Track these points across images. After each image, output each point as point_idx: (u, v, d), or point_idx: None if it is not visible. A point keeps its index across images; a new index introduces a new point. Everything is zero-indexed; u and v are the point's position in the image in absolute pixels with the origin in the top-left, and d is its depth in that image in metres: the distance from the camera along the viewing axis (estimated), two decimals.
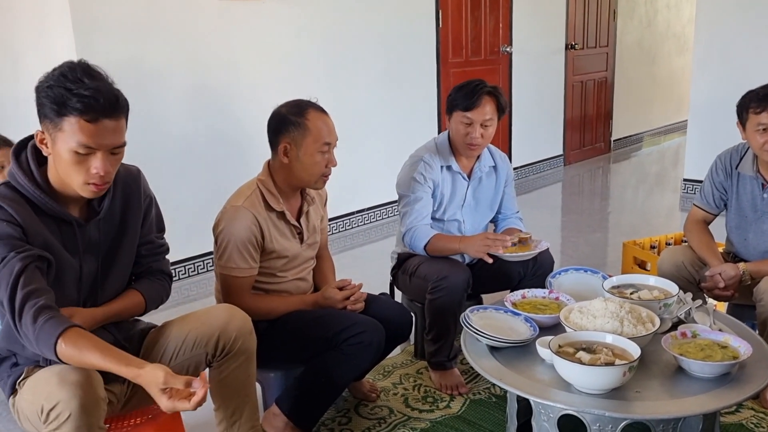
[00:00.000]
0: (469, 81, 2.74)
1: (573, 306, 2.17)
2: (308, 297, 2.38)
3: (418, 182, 2.72)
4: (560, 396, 1.84)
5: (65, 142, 1.65)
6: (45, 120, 1.66)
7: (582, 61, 7.05)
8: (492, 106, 2.69)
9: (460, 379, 2.70)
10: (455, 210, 2.84)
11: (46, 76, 1.66)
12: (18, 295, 1.58)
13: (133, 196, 1.90)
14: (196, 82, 3.96)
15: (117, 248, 1.88)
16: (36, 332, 1.57)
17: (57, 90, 1.62)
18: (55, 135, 1.66)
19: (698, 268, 2.69)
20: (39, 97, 1.66)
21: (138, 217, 1.92)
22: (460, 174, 2.81)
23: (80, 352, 1.58)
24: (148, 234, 1.98)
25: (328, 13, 4.64)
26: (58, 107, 1.63)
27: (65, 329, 1.57)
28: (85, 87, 1.62)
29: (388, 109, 5.15)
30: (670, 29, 8.55)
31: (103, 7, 3.57)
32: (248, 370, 1.99)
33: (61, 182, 1.72)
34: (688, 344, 2.00)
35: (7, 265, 1.60)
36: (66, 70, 1.65)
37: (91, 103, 1.62)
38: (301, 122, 2.22)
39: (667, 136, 8.72)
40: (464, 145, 2.72)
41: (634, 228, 4.87)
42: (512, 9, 6.08)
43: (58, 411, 1.55)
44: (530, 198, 5.89)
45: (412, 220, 2.71)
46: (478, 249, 2.57)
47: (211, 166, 4.07)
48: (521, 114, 6.39)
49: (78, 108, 1.62)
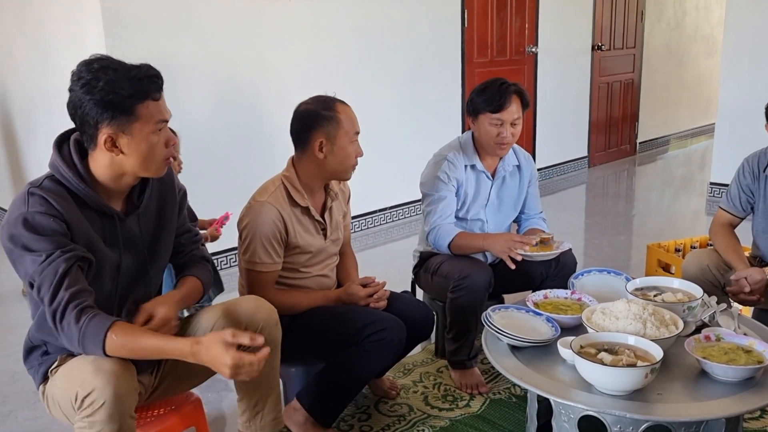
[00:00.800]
0: (490, 81, 2.73)
1: (595, 307, 2.16)
2: (331, 293, 2.40)
3: (442, 181, 2.73)
4: (581, 396, 1.83)
5: (142, 129, 1.70)
6: (113, 121, 1.67)
7: (608, 62, 6.99)
8: (518, 104, 2.69)
9: (480, 379, 2.70)
10: (478, 209, 2.84)
11: (86, 83, 1.65)
12: (60, 296, 1.60)
13: (167, 190, 1.94)
14: (223, 78, 4.00)
15: (156, 242, 1.91)
16: (81, 330, 1.60)
17: (119, 84, 1.64)
18: (130, 128, 1.68)
19: (723, 271, 2.67)
20: (98, 101, 1.65)
21: (174, 209, 1.96)
22: (484, 173, 2.81)
23: (135, 339, 1.62)
24: (185, 223, 2.03)
25: (355, 12, 4.65)
26: (130, 99, 1.66)
27: (112, 323, 1.62)
28: (140, 71, 1.68)
29: (413, 108, 5.16)
30: (698, 31, 8.45)
31: (133, 3, 3.62)
32: (273, 362, 2.01)
33: (106, 176, 1.74)
34: (712, 347, 1.98)
35: (52, 263, 1.61)
36: (105, 64, 1.68)
37: (155, 81, 1.70)
38: (333, 116, 2.24)
39: (694, 139, 8.62)
40: (494, 145, 2.72)
41: (659, 231, 4.82)
42: (538, 9, 6.06)
43: (93, 398, 1.58)
44: (554, 199, 5.86)
45: (436, 218, 2.71)
46: (501, 248, 2.57)
47: (236, 163, 4.10)
48: (546, 115, 6.36)
49: (149, 90, 1.69)
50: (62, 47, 4.08)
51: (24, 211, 1.63)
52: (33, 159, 4.79)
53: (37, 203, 1.64)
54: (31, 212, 1.63)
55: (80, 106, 1.66)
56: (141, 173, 1.78)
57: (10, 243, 1.64)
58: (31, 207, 1.64)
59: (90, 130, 1.69)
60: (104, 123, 1.67)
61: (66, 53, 4.05)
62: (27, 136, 4.82)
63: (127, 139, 1.70)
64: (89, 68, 1.67)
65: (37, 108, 4.56)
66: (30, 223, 1.62)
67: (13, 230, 1.63)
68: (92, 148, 1.72)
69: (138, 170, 1.76)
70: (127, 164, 1.73)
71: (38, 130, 4.63)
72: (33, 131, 4.71)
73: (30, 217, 1.62)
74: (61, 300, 1.60)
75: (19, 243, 1.62)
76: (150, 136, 1.72)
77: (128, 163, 1.73)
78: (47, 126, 4.48)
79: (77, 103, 1.67)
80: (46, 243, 1.62)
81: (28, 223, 1.62)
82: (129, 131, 1.69)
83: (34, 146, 4.75)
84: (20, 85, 4.73)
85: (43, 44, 4.28)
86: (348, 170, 2.32)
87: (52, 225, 1.63)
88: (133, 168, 1.75)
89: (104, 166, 1.73)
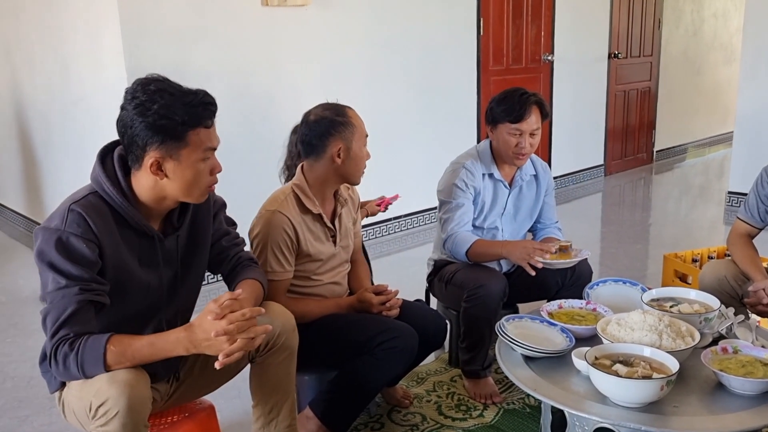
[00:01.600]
0: (510, 91, 2.72)
1: (610, 318, 2.14)
2: (343, 300, 2.40)
3: (460, 189, 2.72)
4: (596, 408, 1.82)
5: (190, 156, 1.70)
6: (162, 145, 1.66)
7: (625, 70, 6.96)
8: (537, 114, 2.69)
9: (494, 388, 2.69)
10: (495, 218, 2.84)
11: (140, 104, 1.65)
12: (61, 334, 1.62)
13: (203, 207, 1.92)
14: (238, 86, 4.03)
15: (189, 261, 1.91)
16: (79, 354, 1.61)
17: (174, 109, 1.64)
18: (178, 154, 1.68)
19: (741, 282, 2.64)
20: (150, 124, 1.65)
21: (208, 228, 1.95)
22: (502, 182, 2.81)
23: (131, 343, 1.63)
24: (221, 227, 2.01)
25: (370, 20, 4.67)
26: (182, 125, 1.66)
27: (109, 337, 1.63)
28: (196, 97, 1.68)
29: (428, 116, 5.16)
30: (716, 39, 8.39)
31: (150, 12, 3.65)
32: (289, 368, 2.01)
33: (148, 196, 1.74)
34: (729, 360, 1.96)
35: (65, 297, 1.62)
36: (161, 86, 1.67)
37: (209, 109, 1.71)
38: (347, 121, 2.26)
39: (711, 147, 8.55)
40: (512, 155, 2.71)
41: (676, 241, 4.78)
42: (554, 17, 6.04)
43: (107, 408, 1.59)
44: (570, 208, 5.83)
45: (453, 226, 2.71)
46: (521, 255, 2.54)
47: (252, 170, 4.12)
48: (562, 123, 6.33)
49: (202, 117, 1.69)
50: (81, 56, 4.13)
51: (61, 230, 1.63)
52: (50, 165, 4.84)
53: (74, 223, 1.64)
54: (67, 232, 1.63)
55: (131, 126, 1.66)
56: (182, 198, 1.78)
57: (38, 258, 1.65)
58: (68, 227, 1.63)
59: (137, 151, 1.68)
60: (153, 146, 1.67)
61: (84, 62, 4.09)
62: (44, 144, 4.87)
63: (173, 164, 1.70)
64: (145, 89, 1.66)
65: (55, 116, 4.61)
66: (63, 244, 1.62)
67: (44, 246, 1.63)
68: (136, 168, 1.72)
69: (179, 196, 1.76)
70: (169, 188, 1.74)
71: (55, 138, 4.68)
72: (50, 139, 4.76)
73: (64, 237, 1.62)
74: (60, 338, 1.62)
75: (45, 260, 1.63)
76: (197, 163, 1.73)
77: (171, 188, 1.73)
78: (65, 134, 4.53)
79: (128, 123, 1.67)
80: (71, 269, 1.62)
81: (61, 244, 1.62)
82: (177, 157, 1.69)
83: (51, 153, 4.80)
84: (39, 92, 4.78)
85: (62, 53, 4.33)
86: (361, 174, 2.35)
87: (84, 251, 1.63)
88: (174, 193, 1.75)
89: (147, 187, 1.73)
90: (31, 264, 4.44)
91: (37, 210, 5.21)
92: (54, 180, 4.84)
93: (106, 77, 3.84)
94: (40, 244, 1.64)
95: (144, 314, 1.84)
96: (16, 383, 2.98)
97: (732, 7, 8.48)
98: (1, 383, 2.98)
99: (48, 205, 4.96)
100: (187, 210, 1.87)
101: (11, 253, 5.00)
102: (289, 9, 4.18)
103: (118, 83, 3.67)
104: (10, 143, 5.47)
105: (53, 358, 1.63)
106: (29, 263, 4.57)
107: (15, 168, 5.48)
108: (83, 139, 4.30)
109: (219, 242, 2.00)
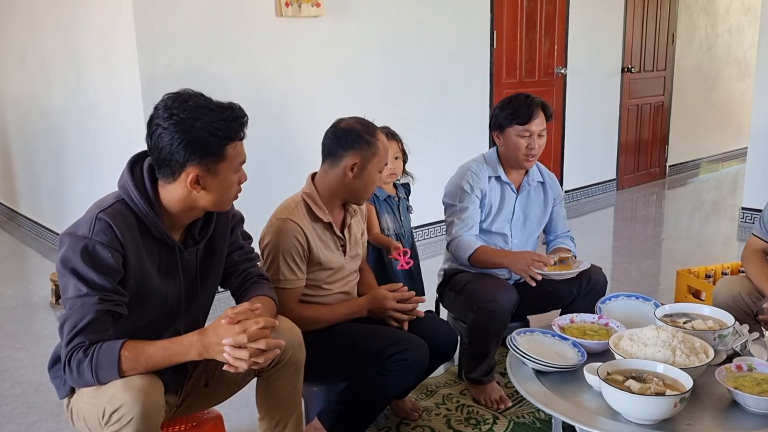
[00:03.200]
0: (513, 97, 2.78)
1: (623, 333, 2.12)
2: (354, 302, 2.37)
3: (466, 191, 2.74)
4: (608, 425, 1.80)
5: (228, 169, 1.74)
6: (202, 160, 1.69)
7: (638, 84, 6.94)
8: (542, 115, 2.75)
9: (501, 392, 2.69)
10: (503, 223, 2.83)
11: (181, 121, 1.66)
12: (77, 341, 1.63)
13: (222, 219, 1.94)
14: (252, 95, 4.04)
15: (206, 271, 1.93)
16: (93, 360, 1.62)
17: (217, 125, 1.67)
18: (216, 168, 1.71)
19: (756, 299, 2.61)
20: (193, 141, 1.66)
21: (225, 238, 1.96)
22: (509, 185, 2.81)
23: (145, 349, 1.64)
24: (236, 241, 2.02)
25: (384, 31, 4.68)
26: (224, 140, 1.69)
27: (123, 342, 1.63)
28: (233, 112, 1.72)
29: (440, 128, 5.16)
30: (731, 54, 8.36)
31: (165, 20, 3.68)
32: (295, 382, 2.00)
33: (176, 207, 1.76)
34: (744, 378, 1.94)
35: (85, 305, 1.63)
36: (200, 102, 1.70)
37: (244, 122, 1.74)
38: (373, 141, 2.25)
39: (725, 163, 8.50)
40: (523, 157, 2.74)
41: (689, 256, 4.74)
42: (568, 31, 6.04)
43: (121, 414, 1.59)
44: (581, 222, 5.80)
45: (457, 229, 2.72)
46: (521, 266, 2.56)
47: (264, 180, 4.12)
48: (574, 136, 6.32)
49: (239, 131, 1.72)
50: (95, 64, 4.16)
51: (88, 238, 1.64)
52: (64, 173, 4.87)
53: (101, 231, 1.65)
54: (94, 241, 1.64)
55: (170, 144, 1.67)
56: (210, 209, 1.81)
57: (61, 264, 1.66)
58: (95, 235, 1.65)
59: (175, 166, 1.69)
60: (193, 162, 1.69)
61: (99, 70, 4.12)
62: (58, 151, 4.91)
63: (211, 179, 1.73)
64: (184, 106, 1.67)
65: (70, 123, 4.64)
66: (88, 252, 1.63)
67: (70, 253, 1.64)
68: (169, 181, 1.73)
69: (209, 206, 1.79)
70: (201, 201, 1.76)
71: (69, 145, 4.71)
72: (64, 146, 4.79)
73: (91, 246, 1.64)
74: (75, 345, 1.63)
75: (69, 266, 1.64)
76: (232, 175, 1.76)
77: (204, 200, 1.76)
78: (79, 141, 4.56)
79: (165, 140, 1.67)
80: (94, 277, 1.63)
81: (87, 253, 1.63)
82: (215, 171, 1.72)
83: (64, 160, 4.83)
84: (54, 100, 4.82)
85: (77, 61, 4.36)
86: (366, 197, 2.36)
87: (109, 260, 1.64)
88: (206, 204, 1.78)
89: (178, 199, 1.75)
90: (41, 270, 4.49)
91: (49, 216, 5.24)
92: (67, 187, 4.87)
93: (121, 85, 3.86)
94: (65, 251, 1.65)
95: (160, 324, 1.84)
96: (25, 389, 2.98)
97: (746, 23, 8.46)
98: (10, 389, 2.99)
99: (61, 212, 4.99)
100: (210, 223, 1.88)
101: (22, 259, 5.03)
102: (303, 20, 4.20)
103: (132, 91, 3.69)
104: (24, 150, 5.52)
105: (67, 365, 1.64)
106: (40, 269, 4.60)
107: (28, 174, 5.52)
108: (97, 146, 4.33)
109: (231, 256, 2.01)
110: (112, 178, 1.83)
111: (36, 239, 5.38)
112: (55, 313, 3.84)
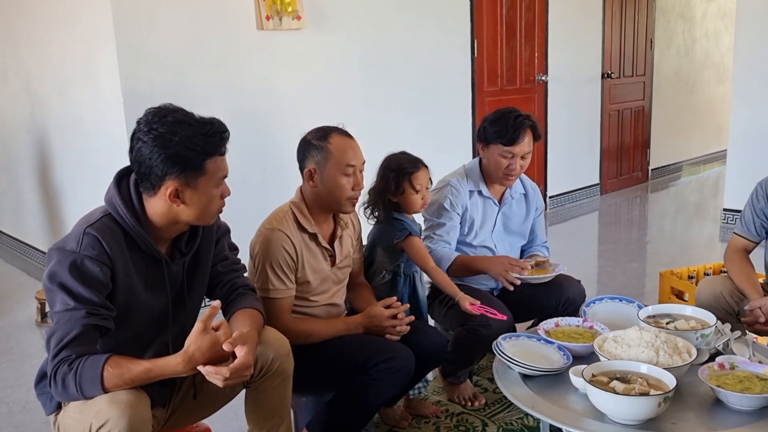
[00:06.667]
0: (504, 112, 2.73)
1: (607, 335, 2.14)
2: (351, 319, 2.36)
3: (445, 208, 2.74)
4: (594, 426, 1.81)
5: (208, 183, 1.74)
6: (181, 174, 1.70)
7: (618, 89, 7.01)
8: (530, 137, 2.72)
9: (474, 390, 2.74)
10: (485, 236, 2.85)
11: (159, 135, 1.67)
12: (63, 354, 1.63)
13: (207, 231, 1.94)
14: (235, 109, 4.04)
15: (191, 283, 1.93)
16: (77, 374, 1.62)
17: (195, 140, 1.68)
18: (196, 182, 1.72)
19: (738, 299, 2.64)
20: (171, 155, 1.68)
21: (210, 249, 1.97)
22: (491, 199, 2.83)
23: (129, 366, 1.63)
24: (221, 252, 2.02)
25: (365, 42, 4.71)
26: (202, 155, 1.70)
27: (107, 358, 1.63)
28: (213, 127, 1.72)
29: (423, 138, 5.17)
30: (708, 58, 8.47)
31: (146, 35, 3.68)
32: (284, 392, 2.00)
33: (160, 221, 1.77)
34: (726, 376, 1.96)
35: (72, 319, 1.63)
36: (179, 117, 1.71)
37: (224, 137, 1.75)
38: (324, 146, 2.25)
39: (706, 165, 8.59)
40: (502, 176, 2.74)
41: (672, 258, 4.79)
42: (548, 38, 6.10)
43: (107, 429, 1.59)
44: (566, 227, 5.84)
45: (433, 245, 2.73)
46: (498, 271, 2.60)
47: (249, 191, 4.12)
48: (557, 143, 6.36)
49: (219, 146, 1.73)
50: (77, 81, 4.15)
51: (76, 252, 1.65)
52: (48, 189, 4.84)
53: (90, 246, 1.66)
54: (82, 255, 1.65)
55: (149, 157, 1.68)
56: (194, 222, 1.82)
57: (49, 279, 1.66)
58: (84, 249, 1.66)
59: (154, 180, 1.71)
60: (172, 176, 1.70)
61: (81, 86, 4.11)
62: (42, 168, 4.88)
63: (191, 192, 1.74)
64: (163, 120, 1.69)
65: (53, 140, 4.62)
66: (77, 267, 1.64)
67: (58, 268, 1.65)
68: (151, 194, 1.74)
69: (192, 220, 1.80)
70: (183, 214, 1.77)
71: (53, 162, 4.69)
72: (49, 163, 4.77)
73: (79, 260, 1.65)
74: (61, 358, 1.63)
75: (57, 280, 1.65)
76: (212, 189, 1.77)
77: (185, 214, 1.77)
78: (62, 158, 4.54)
79: (145, 154, 1.69)
80: (82, 291, 1.64)
81: (75, 267, 1.64)
82: (195, 185, 1.73)
83: (49, 178, 4.80)
84: (37, 117, 4.80)
85: (59, 77, 4.35)
86: (341, 202, 2.29)
87: (97, 274, 1.65)
88: (188, 218, 1.79)
89: (160, 213, 1.76)
90: (27, 288, 4.46)
91: (33, 235, 5.21)
92: (51, 204, 4.84)
93: (103, 101, 3.86)
94: (53, 266, 1.66)
95: (147, 336, 1.84)
96: (11, 408, 2.96)
97: (722, 27, 8.57)
98: None
99: (45, 229, 4.96)
100: (196, 236, 1.89)
101: (7, 278, 4.99)
102: (284, 32, 4.22)
103: (114, 106, 3.69)
104: (7, 168, 5.48)
105: (53, 379, 1.64)
106: (25, 288, 4.56)
107: (12, 193, 5.49)
108: (80, 162, 4.31)
109: (215, 267, 2.01)
110: (97, 194, 1.84)
111: (20, 258, 5.34)
112: (40, 331, 3.82)
